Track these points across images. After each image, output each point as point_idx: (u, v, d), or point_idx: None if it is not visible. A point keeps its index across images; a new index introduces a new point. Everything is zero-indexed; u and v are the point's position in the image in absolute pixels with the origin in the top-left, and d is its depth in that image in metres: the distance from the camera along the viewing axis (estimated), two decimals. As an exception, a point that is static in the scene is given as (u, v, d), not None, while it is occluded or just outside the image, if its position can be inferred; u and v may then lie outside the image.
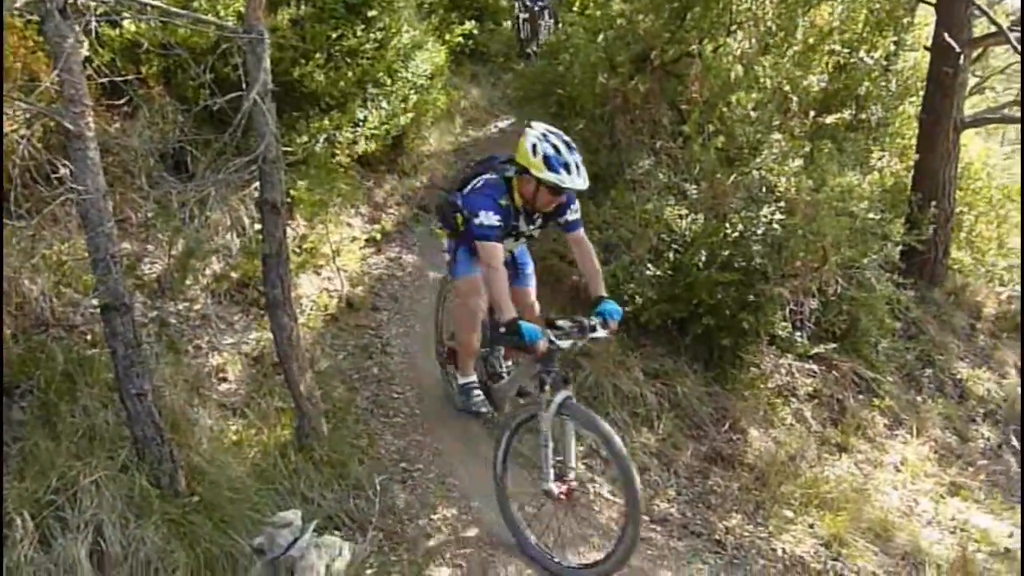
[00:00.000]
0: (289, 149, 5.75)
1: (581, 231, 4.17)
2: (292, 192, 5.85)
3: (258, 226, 4.18)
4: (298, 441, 4.30)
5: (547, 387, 3.70)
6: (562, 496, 3.78)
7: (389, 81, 7.04)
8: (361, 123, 6.74)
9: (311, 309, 5.66)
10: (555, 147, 3.76)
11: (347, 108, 6.58)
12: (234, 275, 5.36)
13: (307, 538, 3.70)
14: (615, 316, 3.85)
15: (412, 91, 7.39)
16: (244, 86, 3.77)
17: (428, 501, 4.31)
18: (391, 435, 4.80)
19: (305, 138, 6.14)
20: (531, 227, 4.19)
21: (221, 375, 4.83)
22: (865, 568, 4.61)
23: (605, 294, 3.98)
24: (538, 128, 3.88)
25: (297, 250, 5.88)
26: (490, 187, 4.00)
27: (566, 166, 3.76)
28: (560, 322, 3.80)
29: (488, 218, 3.84)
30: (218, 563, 3.45)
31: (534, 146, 3.78)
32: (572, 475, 3.79)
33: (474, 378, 4.62)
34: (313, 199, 5.91)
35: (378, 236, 6.78)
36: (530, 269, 4.66)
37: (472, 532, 4.18)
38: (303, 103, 6.32)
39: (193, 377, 4.61)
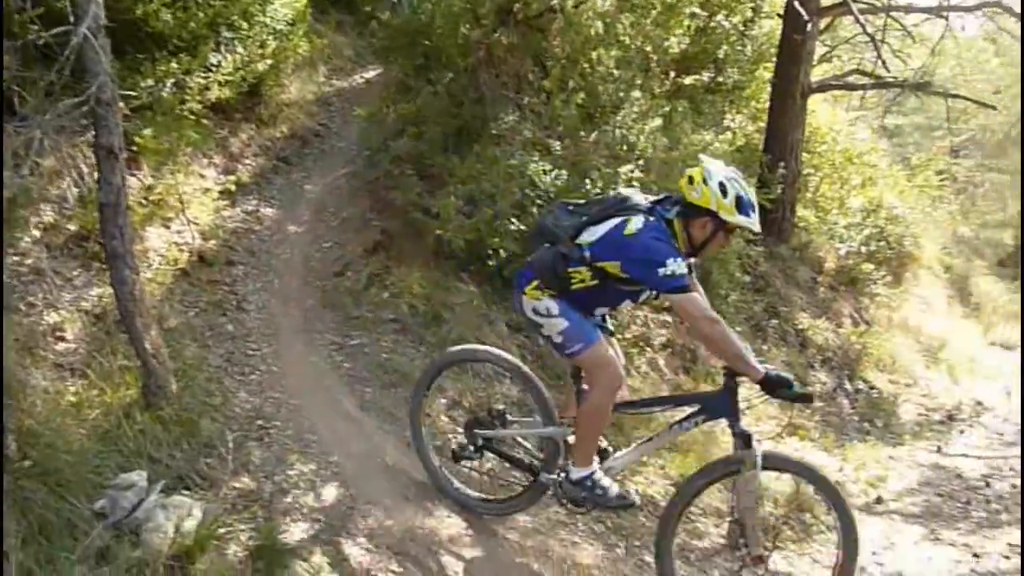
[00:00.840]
0: (132, 93, 5.39)
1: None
2: (137, 139, 5.50)
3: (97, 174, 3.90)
4: (144, 400, 4.10)
5: (753, 442, 3.33)
6: (766, 558, 3.44)
7: (245, 25, 6.72)
8: (214, 68, 6.40)
9: (159, 264, 5.38)
10: (743, 187, 3.35)
11: (198, 52, 6.23)
12: (71, 227, 5.00)
13: (153, 499, 3.57)
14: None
15: (270, 36, 7.09)
16: (73, 20, 3.49)
17: (285, 458, 4.22)
18: (246, 392, 4.66)
19: (151, 81, 5.77)
20: None
21: (58, 334, 4.52)
22: (710, 504, 4.89)
23: None
24: (716, 165, 3.41)
25: (144, 201, 5.56)
26: (658, 231, 3.32)
27: (753, 208, 3.36)
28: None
29: (680, 266, 3.21)
30: (54, 530, 3.27)
31: (722, 185, 3.30)
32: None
33: (597, 467, 3.67)
34: (160, 147, 5.58)
35: (233, 188, 6.49)
36: None
37: (332, 487, 4.14)
38: (148, 44, 5.93)
39: (25, 336, 4.29)
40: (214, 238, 5.93)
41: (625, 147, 6.35)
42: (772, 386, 3.22)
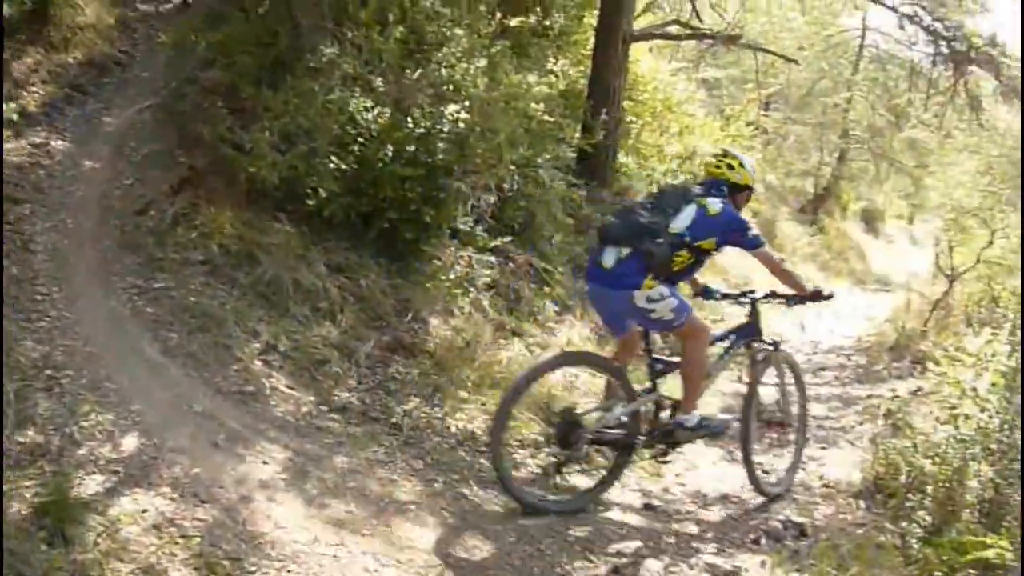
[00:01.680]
0: None
1: None
2: None
3: None
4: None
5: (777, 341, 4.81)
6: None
7: (25, -67, 5.98)
8: (-14, -20, 5.68)
9: (-75, 199, 4.78)
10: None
11: (-33, -40, 5.50)
12: None
13: (-87, 458, 3.23)
14: None
15: (58, -51, 6.37)
16: None
17: (78, 408, 3.93)
18: (33, 341, 4.28)
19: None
20: None
21: None
22: (529, 436, 5.06)
23: None
24: (738, 151, 4.56)
25: (-98, 129, 4.89)
26: (731, 207, 4.25)
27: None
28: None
29: (755, 227, 4.28)
30: None
31: (752, 166, 4.41)
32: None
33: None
34: (-80, 68, 4.91)
35: (16, 117, 5.84)
36: None
37: (133, 437, 3.91)
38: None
39: None
40: (-7, 172, 5.33)
41: (450, 87, 6.28)
42: (816, 296, 4.38)
